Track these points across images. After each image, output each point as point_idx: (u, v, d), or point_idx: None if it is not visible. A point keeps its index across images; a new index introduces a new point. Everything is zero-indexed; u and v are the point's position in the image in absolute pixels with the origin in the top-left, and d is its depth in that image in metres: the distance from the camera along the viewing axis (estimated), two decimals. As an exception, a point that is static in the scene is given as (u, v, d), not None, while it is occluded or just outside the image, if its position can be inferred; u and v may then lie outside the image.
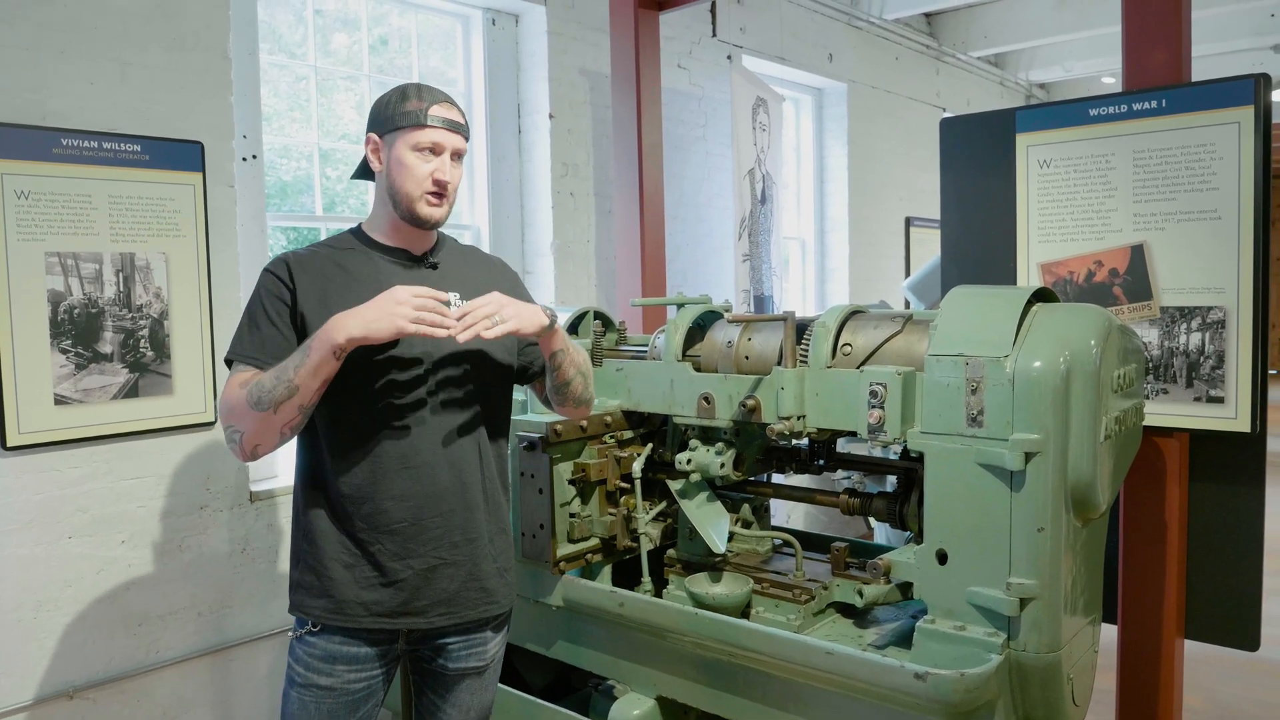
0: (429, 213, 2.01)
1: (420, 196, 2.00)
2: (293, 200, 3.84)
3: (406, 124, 1.98)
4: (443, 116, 2.00)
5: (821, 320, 2.32)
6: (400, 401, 1.98)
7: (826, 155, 6.60)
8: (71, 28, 2.83)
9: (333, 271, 2.00)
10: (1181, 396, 2.61)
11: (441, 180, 2.00)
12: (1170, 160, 2.59)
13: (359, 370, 1.93)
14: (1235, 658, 3.73)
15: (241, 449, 1.89)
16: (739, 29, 5.54)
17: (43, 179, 2.76)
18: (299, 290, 1.96)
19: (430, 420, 2.01)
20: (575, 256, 4.52)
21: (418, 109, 1.98)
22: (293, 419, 1.85)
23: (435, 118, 1.99)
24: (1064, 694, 2.02)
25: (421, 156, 1.99)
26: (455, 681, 2.13)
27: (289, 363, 1.84)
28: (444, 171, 2.00)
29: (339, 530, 1.98)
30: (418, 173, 1.98)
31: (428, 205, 2.01)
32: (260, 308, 1.96)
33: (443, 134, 2.00)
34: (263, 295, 1.97)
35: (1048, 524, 1.90)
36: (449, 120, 2.01)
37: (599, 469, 2.62)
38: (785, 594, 2.45)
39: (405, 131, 1.98)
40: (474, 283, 2.12)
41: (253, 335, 1.94)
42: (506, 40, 4.42)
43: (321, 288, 1.97)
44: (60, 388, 2.82)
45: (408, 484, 1.98)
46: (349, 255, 2.05)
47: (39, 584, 2.84)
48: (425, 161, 1.99)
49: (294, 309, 1.95)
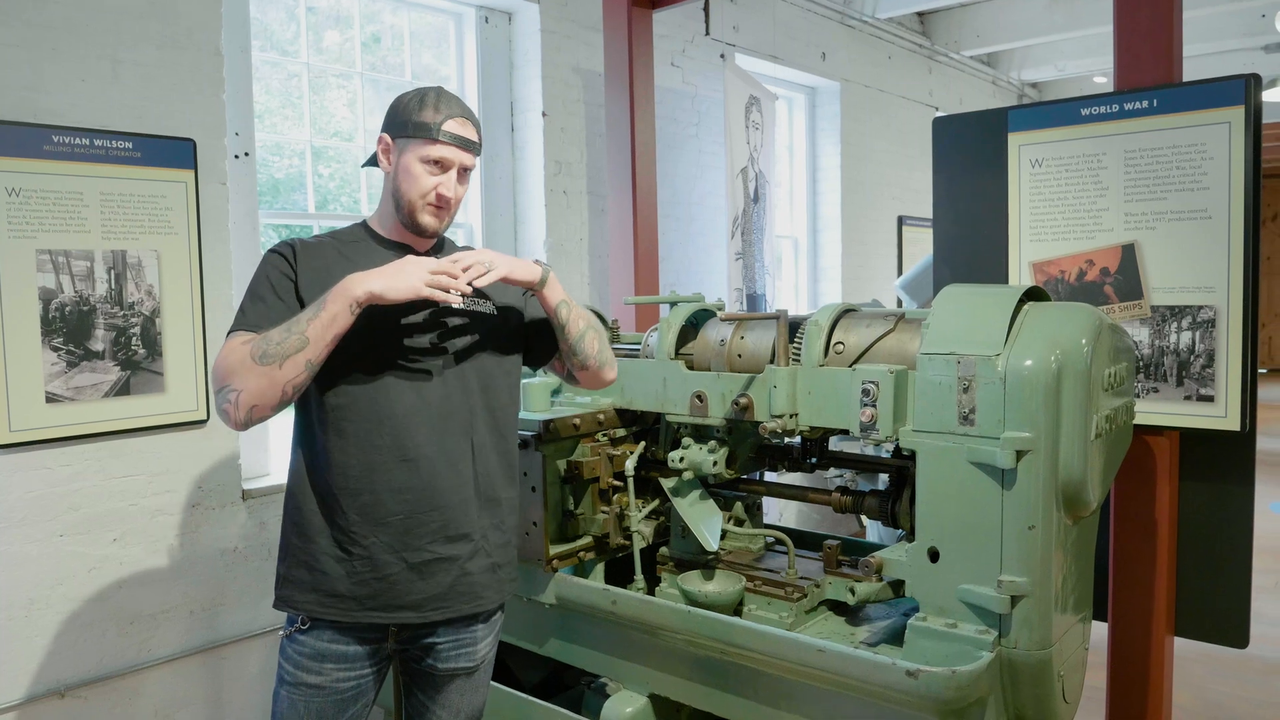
0: (428, 223, 2.03)
1: (422, 207, 2.01)
2: (285, 198, 3.84)
3: (419, 135, 1.99)
4: (455, 134, 2.00)
5: (814, 319, 2.33)
6: (400, 393, 1.98)
7: (819, 154, 6.61)
8: (63, 25, 2.82)
9: (337, 260, 2.01)
10: (1172, 395, 2.62)
11: (444, 196, 2.01)
12: (1161, 160, 2.60)
13: (359, 360, 1.94)
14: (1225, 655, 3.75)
15: (236, 409, 1.82)
16: (732, 27, 5.54)
17: (34, 176, 2.75)
18: (301, 273, 1.97)
19: (430, 413, 2.01)
20: (568, 255, 4.53)
21: (432, 122, 1.98)
22: (298, 376, 1.82)
23: (447, 134, 1.99)
24: (1055, 691, 2.03)
25: (428, 169, 2.00)
26: (445, 682, 2.12)
27: (301, 315, 1.84)
28: (448, 188, 2.01)
29: (332, 524, 1.97)
30: (422, 184, 2.00)
31: (428, 216, 2.03)
32: (265, 283, 1.96)
33: (453, 151, 2.00)
34: (268, 272, 1.98)
35: (1039, 522, 1.91)
36: (460, 138, 2.01)
37: (592, 467, 2.62)
38: (777, 592, 2.46)
39: (417, 141, 1.99)
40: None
41: (255, 307, 1.93)
42: (499, 38, 4.42)
43: (325, 275, 1.96)
44: (52, 385, 2.81)
45: (405, 477, 1.97)
46: (354, 247, 2.06)
47: (30, 582, 2.83)
48: (431, 175, 2.00)
49: (297, 288, 1.96)
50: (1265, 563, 5.09)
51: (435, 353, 2.02)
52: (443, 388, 2.03)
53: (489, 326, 2.12)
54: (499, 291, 2.16)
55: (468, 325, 2.08)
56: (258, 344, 1.81)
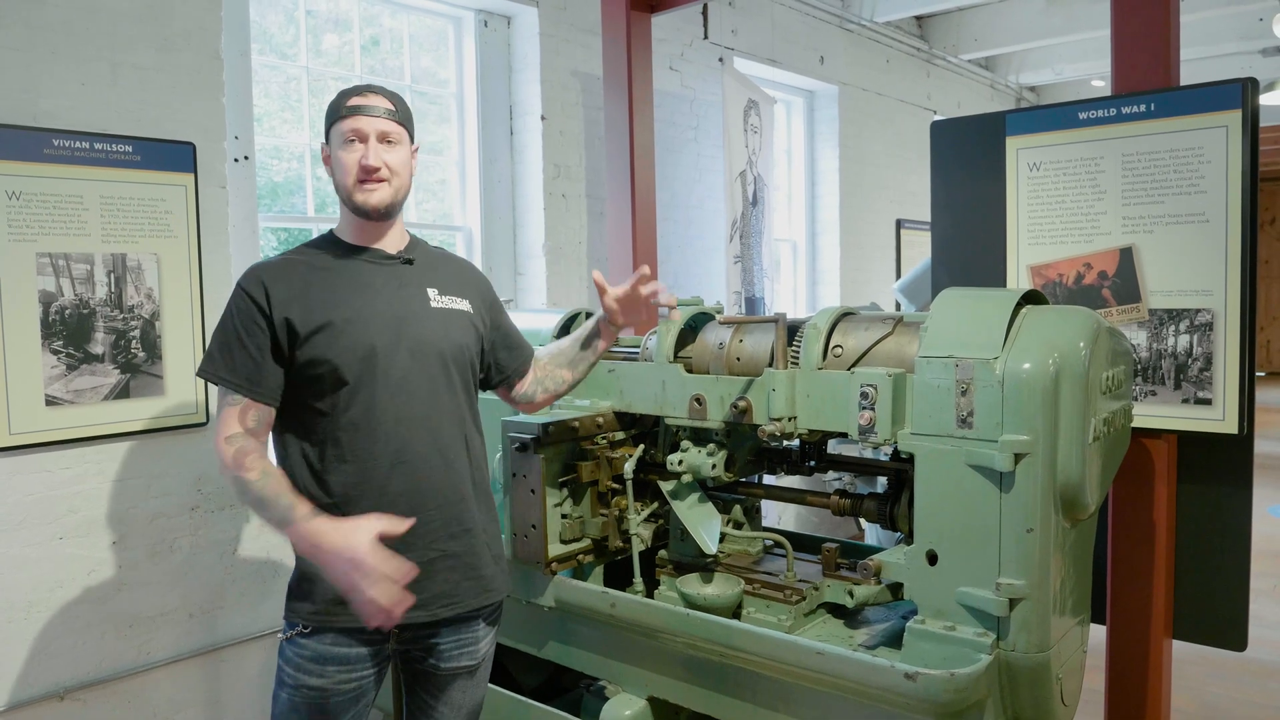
0: (364, 199, 2.02)
1: (354, 186, 2.02)
2: (284, 201, 3.84)
3: (333, 121, 2.04)
4: (358, 103, 2.02)
5: (812, 322, 2.33)
6: (391, 397, 1.99)
7: (817, 157, 6.61)
8: (62, 28, 2.82)
9: (310, 274, 2.02)
10: (1170, 398, 2.62)
11: (367, 165, 2.00)
12: (1159, 163, 2.61)
13: (347, 370, 1.95)
14: (1223, 658, 3.76)
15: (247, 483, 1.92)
16: (730, 31, 5.55)
17: (34, 180, 2.75)
18: (274, 301, 1.96)
19: (417, 415, 2.01)
20: (567, 258, 4.53)
21: (339, 105, 2.03)
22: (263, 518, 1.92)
23: (350, 107, 2.01)
24: (1053, 694, 2.03)
25: (348, 148, 2.02)
26: (447, 681, 2.14)
27: (293, 507, 1.86)
28: (370, 156, 2.01)
29: None
30: (347, 162, 2.02)
31: (362, 192, 2.02)
32: (234, 329, 1.97)
33: (361, 120, 2.01)
34: (235, 316, 1.98)
35: (1037, 525, 1.91)
36: (363, 105, 2.02)
37: (591, 470, 2.63)
38: (776, 595, 2.46)
39: (333, 129, 2.04)
40: (447, 279, 2.17)
41: (224, 356, 1.96)
42: (498, 42, 4.43)
43: (302, 291, 1.97)
44: (51, 388, 2.82)
45: (402, 481, 1.99)
46: (323, 257, 2.06)
47: (30, 585, 2.83)
48: (352, 151, 2.02)
49: (270, 323, 1.95)
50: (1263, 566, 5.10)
51: (421, 352, 2.03)
52: (431, 386, 2.04)
53: (465, 321, 2.16)
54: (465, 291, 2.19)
55: (449, 321, 2.11)
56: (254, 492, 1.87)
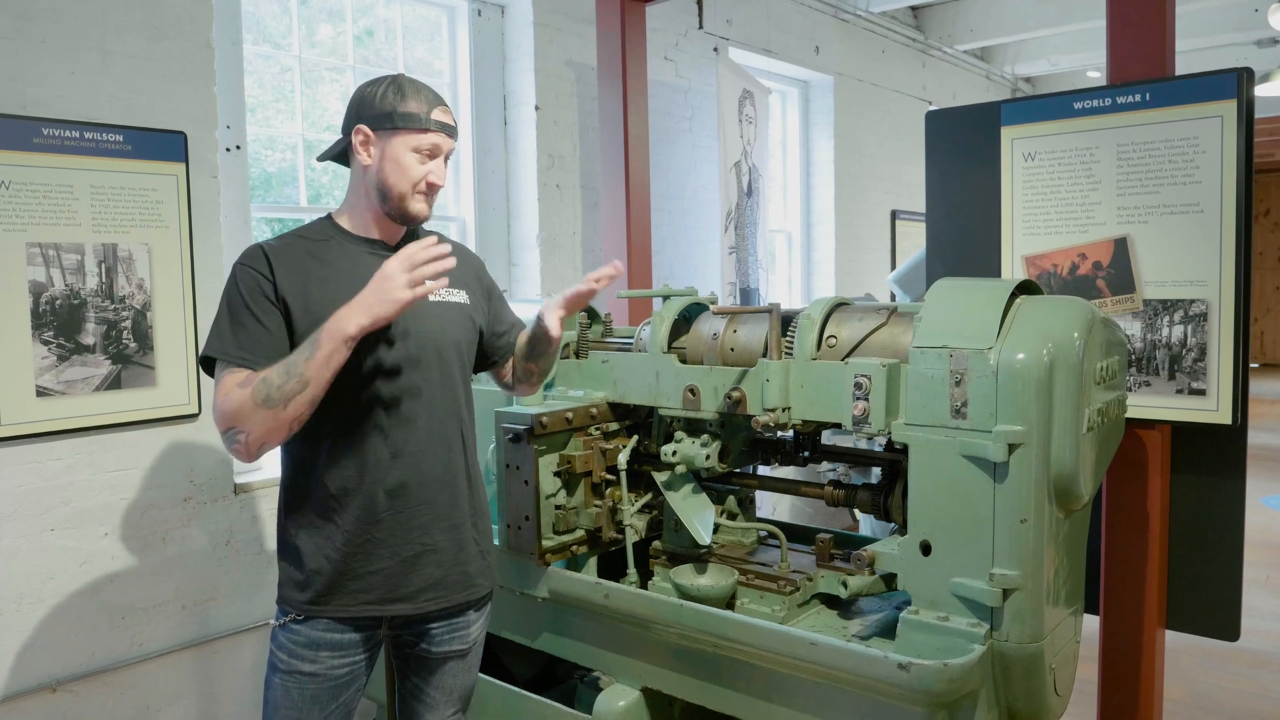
0: (420, 210, 2.04)
1: (414, 196, 2.02)
2: (277, 191, 3.82)
3: (408, 126, 1.99)
4: (443, 122, 2.04)
5: (806, 312, 2.33)
6: (386, 395, 1.99)
7: (813, 148, 6.60)
8: (52, 16, 2.80)
9: (310, 264, 1.98)
10: (1164, 389, 2.62)
11: (434, 184, 2.04)
12: (1153, 154, 2.60)
13: (347, 363, 1.93)
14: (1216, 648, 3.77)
15: (246, 449, 1.84)
16: (725, 21, 5.53)
17: (24, 169, 2.73)
18: (279, 280, 1.93)
19: (416, 409, 2.02)
20: (561, 249, 4.52)
21: (420, 112, 2.00)
22: (302, 413, 1.83)
23: (436, 122, 2.02)
24: (1046, 684, 2.03)
25: (419, 158, 2.01)
26: (439, 664, 2.16)
27: (297, 356, 1.82)
28: (438, 175, 2.04)
29: (327, 523, 1.98)
30: (414, 174, 2.01)
31: (420, 203, 2.04)
32: (242, 304, 1.91)
33: (443, 139, 2.04)
34: (243, 291, 1.92)
35: (1030, 515, 1.91)
36: (449, 126, 2.05)
37: (584, 461, 2.62)
38: (770, 585, 2.46)
39: (406, 133, 2.00)
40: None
41: (237, 333, 1.89)
42: (492, 31, 4.41)
43: (301, 279, 1.95)
44: (42, 379, 2.80)
45: (399, 474, 1.99)
46: (325, 246, 2.03)
47: (21, 576, 2.83)
48: (422, 164, 2.02)
49: (277, 298, 1.93)
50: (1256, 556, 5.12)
51: (420, 346, 2.03)
52: (428, 381, 2.04)
53: (463, 315, 2.15)
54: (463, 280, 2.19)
55: (446, 315, 2.11)
56: (259, 388, 1.80)
